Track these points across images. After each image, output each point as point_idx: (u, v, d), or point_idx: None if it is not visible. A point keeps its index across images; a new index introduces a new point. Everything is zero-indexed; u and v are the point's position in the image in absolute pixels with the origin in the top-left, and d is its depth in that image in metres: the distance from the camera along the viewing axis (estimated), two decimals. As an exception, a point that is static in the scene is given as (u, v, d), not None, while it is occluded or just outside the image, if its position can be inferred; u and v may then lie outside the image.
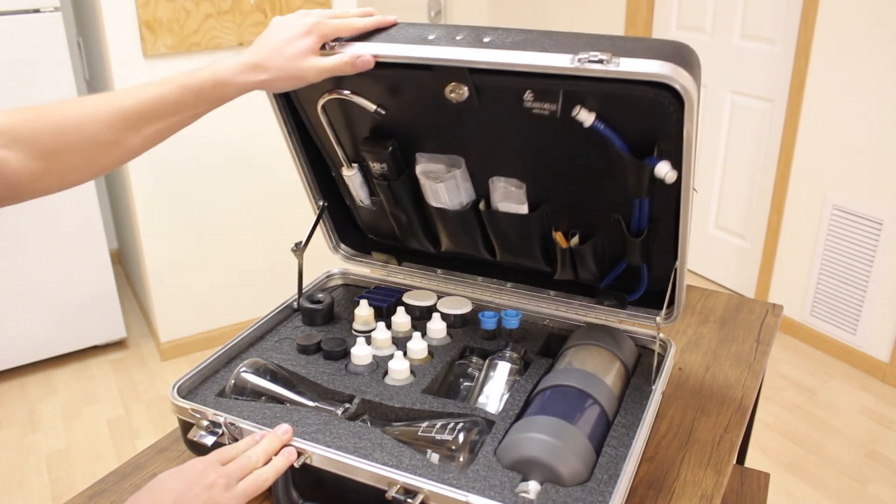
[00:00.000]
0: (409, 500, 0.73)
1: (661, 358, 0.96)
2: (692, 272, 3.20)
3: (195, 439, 0.84)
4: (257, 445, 0.78)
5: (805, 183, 2.60)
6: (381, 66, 0.84)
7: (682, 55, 0.74)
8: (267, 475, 0.75)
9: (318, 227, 1.15)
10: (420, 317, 1.09)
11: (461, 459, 0.80)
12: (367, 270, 1.23)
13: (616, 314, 1.03)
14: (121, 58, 2.22)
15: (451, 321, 1.07)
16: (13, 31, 2.17)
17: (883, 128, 2.31)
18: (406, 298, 1.12)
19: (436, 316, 1.05)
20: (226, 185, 2.51)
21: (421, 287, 1.16)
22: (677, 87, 0.71)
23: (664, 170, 0.80)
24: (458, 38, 0.82)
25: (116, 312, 2.62)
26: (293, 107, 1.04)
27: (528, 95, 0.83)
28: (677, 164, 0.80)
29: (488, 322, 1.04)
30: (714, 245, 3.09)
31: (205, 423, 0.84)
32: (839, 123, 2.44)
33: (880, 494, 1.98)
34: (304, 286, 1.14)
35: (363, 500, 0.78)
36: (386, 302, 1.11)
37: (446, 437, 0.81)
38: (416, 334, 1.00)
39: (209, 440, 0.83)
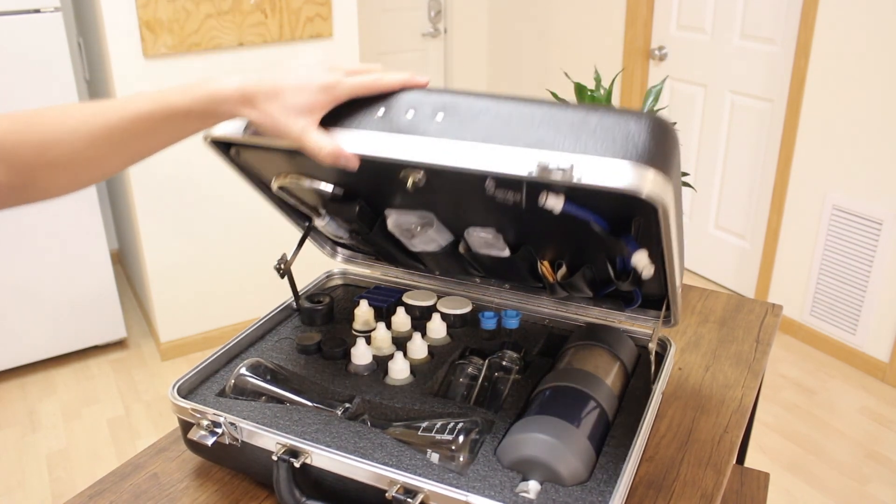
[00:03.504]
0: (409, 500, 0.73)
1: (661, 358, 0.96)
2: (692, 272, 3.20)
3: (195, 439, 0.84)
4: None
5: (805, 183, 2.60)
6: None
7: (655, 143, 0.66)
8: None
9: (310, 240, 1.14)
10: (420, 317, 1.09)
11: (461, 459, 0.80)
12: (367, 270, 1.23)
13: (616, 315, 1.03)
14: (121, 58, 2.22)
15: (451, 321, 1.07)
16: (13, 31, 2.17)
17: (883, 128, 2.31)
18: (406, 298, 1.12)
19: (436, 316, 1.05)
20: (226, 184, 2.51)
21: (421, 287, 1.16)
22: (644, 198, 0.65)
23: (642, 262, 0.76)
24: (407, 115, 0.74)
25: (116, 312, 2.62)
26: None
27: (489, 183, 0.78)
28: (658, 241, 0.75)
29: (488, 322, 1.04)
30: (714, 245, 3.09)
31: (205, 422, 0.84)
32: (839, 123, 2.44)
33: (880, 494, 1.98)
34: (304, 287, 1.14)
35: (363, 499, 0.78)
36: (386, 302, 1.11)
37: (446, 437, 0.81)
38: (416, 334, 1.00)
39: (209, 440, 0.83)
